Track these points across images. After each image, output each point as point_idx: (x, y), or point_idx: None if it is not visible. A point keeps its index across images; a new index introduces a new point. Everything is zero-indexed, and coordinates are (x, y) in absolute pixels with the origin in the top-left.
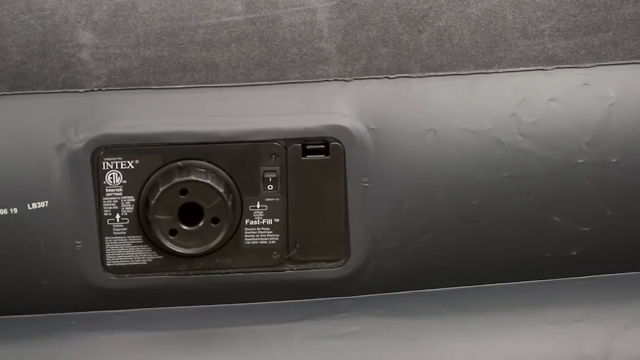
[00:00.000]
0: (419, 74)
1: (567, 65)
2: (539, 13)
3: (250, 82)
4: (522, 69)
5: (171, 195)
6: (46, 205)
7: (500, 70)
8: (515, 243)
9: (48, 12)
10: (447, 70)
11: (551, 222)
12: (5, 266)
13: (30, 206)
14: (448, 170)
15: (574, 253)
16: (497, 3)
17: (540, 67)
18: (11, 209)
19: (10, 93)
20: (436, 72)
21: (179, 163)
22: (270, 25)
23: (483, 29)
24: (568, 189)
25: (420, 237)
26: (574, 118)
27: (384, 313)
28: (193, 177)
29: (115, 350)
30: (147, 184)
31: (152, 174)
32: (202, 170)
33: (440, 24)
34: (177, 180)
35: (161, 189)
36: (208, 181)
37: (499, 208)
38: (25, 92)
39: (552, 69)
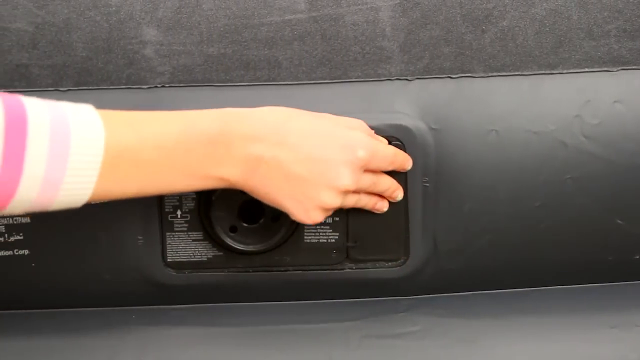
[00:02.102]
0: (482, 74)
1: (633, 67)
2: (605, 13)
3: (312, 80)
4: (586, 70)
5: (232, 193)
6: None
7: (565, 71)
8: (577, 246)
9: (113, 8)
10: (510, 71)
11: (614, 225)
12: (67, 260)
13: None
14: (510, 171)
15: (637, 257)
16: (562, 3)
17: (606, 69)
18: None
19: (76, 88)
20: (499, 72)
21: None
22: (333, 23)
23: (547, 29)
24: (631, 192)
25: (480, 238)
26: (638, 120)
27: (443, 313)
28: None
29: (174, 345)
30: None
31: None
32: None
33: (504, 24)
34: None
35: None
36: None
37: (561, 210)
38: (90, 87)
39: (617, 71)
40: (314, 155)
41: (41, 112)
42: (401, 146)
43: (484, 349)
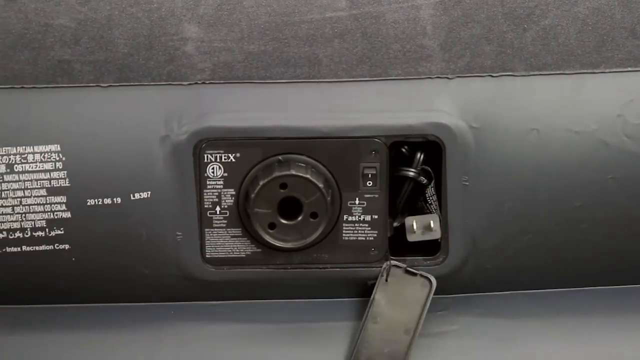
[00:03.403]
0: (523, 73)
1: None
2: None
3: (352, 78)
4: (629, 69)
5: (271, 189)
6: (149, 195)
7: (607, 70)
8: (618, 246)
9: (155, 5)
10: (551, 70)
11: None
12: (107, 255)
13: (133, 196)
14: (550, 170)
15: None
16: (605, 2)
17: None
18: (115, 199)
19: (117, 84)
20: (540, 71)
21: (280, 157)
22: (374, 21)
23: (590, 27)
24: None
25: (520, 238)
26: None
27: (482, 313)
28: (293, 172)
29: (212, 341)
30: (247, 177)
31: (253, 167)
32: (302, 164)
33: (546, 22)
34: (277, 174)
35: (261, 183)
36: (308, 176)
37: (601, 210)
38: (131, 83)
39: None
40: None
41: None
42: (441, 145)
43: (522, 349)
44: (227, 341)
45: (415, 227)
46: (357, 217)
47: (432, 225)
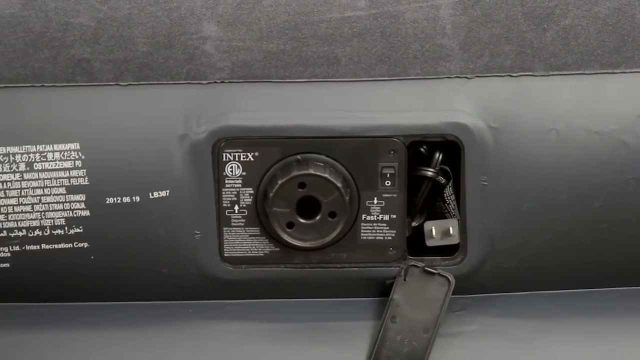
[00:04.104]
0: (543, 73)
1: None
2: None
3: (371, 77)
4: None
5: (289, 188)
6: (167, 194)
7: (627, 71)
8: (637, 247)
9: (174, 4)
10: (571, 70)
11: None
12: (126, 253)
13: (152, 195)
14: (570, 170)
15: None
16: (625, 2)
17: None
18: (134, 197)
19: (136, 83)
20: (560, 71)
21: (298, 156)
22: (393, 20)
23: (610, 28)
24: None
25: (539, 238)
26: None
27: (500, 313)
28: (311, 171)
29: (230, 340)
30: (265, 176)
31: (272, 166)
32: (321, 164)
33: (566, 22)
34: (295, 173)
35: (280, 182)
36: (326, 175)
37: (621, 210)
38: (151, 82)
39: None
40: None
41: None
42: (459, 145)
43: (541, 350)
44: (245, 340)
45: (434, 232)
46: (375, 216)
47: (451, 230)
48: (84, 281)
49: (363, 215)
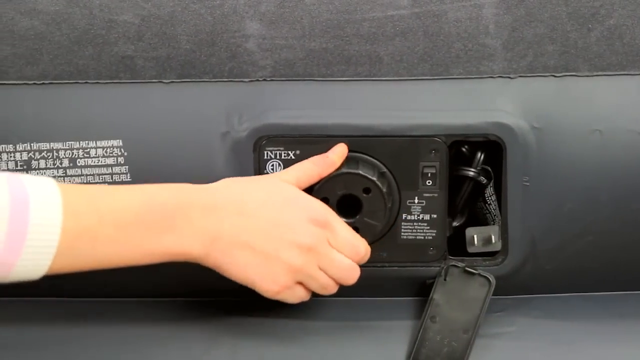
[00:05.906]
0: (587, 73)
1: None
2: None
3: (413, 76)
4: None
5: (330, 187)
6: None
7: None
8: None
9: (218, 2)
10: (616, 70)
11: None
12: None
13: None
14: (612, 172)
15: None
16: None
17: None
18: None
19: (179, 80)
20: (604, 71)
21: None
22: (436, 19)
23: None
24: None
25: (580, 239)
26: None
27: (540, 315)
28: (352, 170)
29: (269, 338)
30: None
31: None
32: (362, 163)
33: (611, 22)
34: (336, 172)
35: (321, 180)
36: (367, 174)
37: None
38: (193, 80)
39: None
40: (273, 219)
41: (2, 193)
42: (502, 145)
43: (581, 352)
44: (285, 338)
45: (475, 239)
46: (416, 216)
47: (493, 238)
48: (124, 277)
49: (404, 215)
